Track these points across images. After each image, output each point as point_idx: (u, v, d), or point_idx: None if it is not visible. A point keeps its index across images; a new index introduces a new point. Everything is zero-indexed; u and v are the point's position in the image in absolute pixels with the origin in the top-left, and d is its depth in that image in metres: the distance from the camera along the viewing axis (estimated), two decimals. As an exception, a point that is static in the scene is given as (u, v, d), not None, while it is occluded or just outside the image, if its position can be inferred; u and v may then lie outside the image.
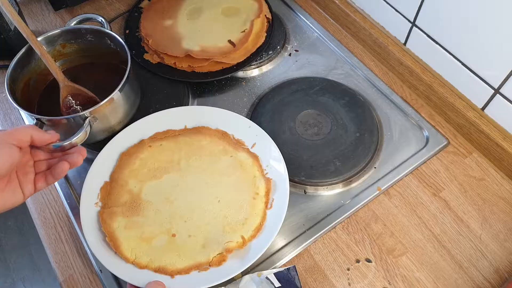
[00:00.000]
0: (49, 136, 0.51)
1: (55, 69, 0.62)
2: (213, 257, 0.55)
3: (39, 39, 0.64)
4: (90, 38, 0.68)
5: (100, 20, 0.70)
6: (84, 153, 0.53)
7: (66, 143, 0.53)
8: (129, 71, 0.62)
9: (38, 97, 0.68)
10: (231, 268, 0.54)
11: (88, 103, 0.62)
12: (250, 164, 0.63)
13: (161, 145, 0.65)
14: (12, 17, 0.59)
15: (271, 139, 0.64)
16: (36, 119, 0.57)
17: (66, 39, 0.68)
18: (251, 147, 0.64)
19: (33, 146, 0.51)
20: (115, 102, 0.61)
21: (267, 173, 0.62)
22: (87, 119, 0.58)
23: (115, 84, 0.60)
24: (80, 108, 0.63)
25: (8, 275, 1.57)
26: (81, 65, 0.71)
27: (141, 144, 0.65)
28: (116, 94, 0.60)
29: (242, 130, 0.66)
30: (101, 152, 0.63)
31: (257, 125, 0.65)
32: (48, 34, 0.66)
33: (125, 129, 0.66)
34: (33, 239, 1.64)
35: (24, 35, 0.60)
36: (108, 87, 0.60)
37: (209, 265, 0.54)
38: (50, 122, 0.58)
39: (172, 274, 0.54)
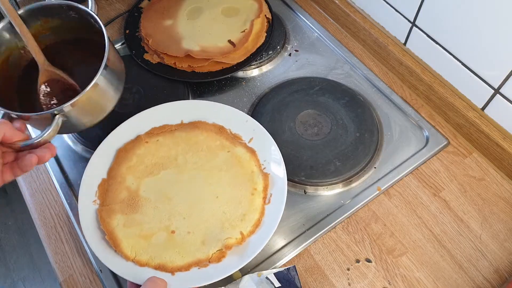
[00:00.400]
0: (19, 135, 0.49)
1: (36, 50, 0.58)
2: (212, 254, 0.55)
3: (19, 12, 0.59)
4: (73, 14, 0.61)
5: None
6: (53, 150, 0.51)
7: (35, 141, 0.50)
8: (106, 57, 0.55)
9: (21, 74, 0.63)
10: (231, 264, 0.54)
11: (67, 91, 0.58)
12: (247, 159, 0.63)
13: (157, 141, 0.65)
14: None
15: (268, 133, 0.64)
16: (4, 113, 0.53)
17: (48, 14, 0.62)
18: (248, 142, 0.64)
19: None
20: (92, 95, 0.55)
21: (264, 168, 0.62)
22: (56, 116, 0.52)
23: (98, 64, 0.55)
24: (55, 96, 0.58)
25: (8, 275, 1.57)
26: (63, 40, 0.64)
27: (137, 140, 0.65)
28: (89, 90, 0.54)
29: (239, 125, 0.66)
30: (97, 148, 0.63)
31: (254, 119, 0.65)
32: (28, 8, 0.60)
33: (121, 124, 0.66)
34: (33, 239, 1.64)
35: (4, 9, 0.55)
36: (90, 68, 0.55)
37: (209, 262, 0.55)
38: (18, 117, 0.53)
39: (172, 271, 0.54)
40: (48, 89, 0.59)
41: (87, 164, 0.62)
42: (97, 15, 0.58)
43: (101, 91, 0.57)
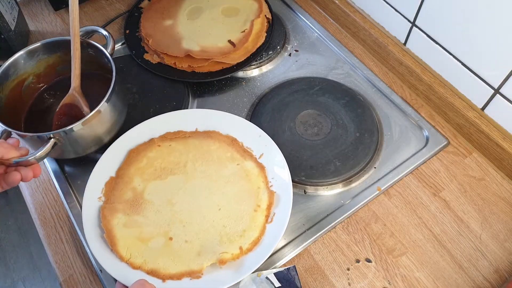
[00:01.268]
0: (13, 152, 0.52)
1: (77, 74, 0.63)
2: (206, 266, 0.55)
3: (36, 45, 0.65)
4: (91, 52, 0.66)
5: (104, 34, 0.68)
6: (37, 172, 0.54)
7: (25, 159, 0.53)
8: (111, 92, 0.60)
9: (33, 101, 0.68)
10: (224, 279, 0.54)
11: (77, 119, 0.60)
12: (256, 174, 0.63)
13: (170, 146, 0.66)
14: (73, 8, 0.62)
15: (280, 151, 0.63)
16: (3, 130, 0.58)
17: (67, 48, 0.65)
18: (259, 158, 0.64)
19: None
20: (86, 127, 0.59)
21: (271, 186, 0.62)
22: (51, 140, 0.56)
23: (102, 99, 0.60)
24: (67, 120, 0.62)
25: (8, 275, 1.57)
26: (82, 74, 0.67)
27: (150, 142, 0.66)
28: (78, 125, 0.58)
29: (251, 139, 0.66)
30: (110, 147, 0.64)
31: (267, 135, 0.65)
32: (52, 40, 0.66)
33: (136, 126, 0.66)
34: (33, 239, 1.63)
35: (72, 31, 0.62)
36: (100, 100, 0.60)
37: (201, 274, 0.54)
38: (16, 135, 0.58)
39: (164, 278, 0.54)
40: (65, 110, 0.63)
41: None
42: (111, 56, 0.64)
43: (96, 125, 0.61)
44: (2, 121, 0.58)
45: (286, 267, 0.56)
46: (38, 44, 0.65)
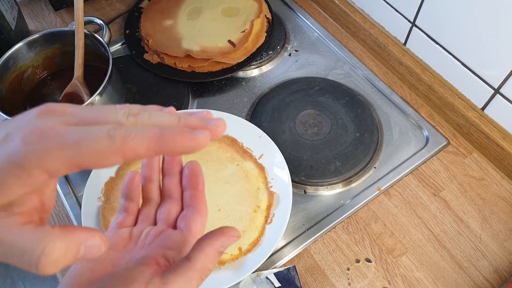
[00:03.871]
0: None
1: (80, 64, 0.64)
2: None
3: (35, 36, 0.66)
4: (87, 42, 0.67)
5: (99, 23, 0.70)
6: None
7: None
8: (109, 77, 0.62)
9: (31, 89, 0.70)
10: (223, 279, 0.54)
11: None
12: (255, 175, 0.63)
13: None
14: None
15: (280, 152, 0.63)
16: (5, 119, 0.59)
17: (65, 40, 0.68)
18: (259, 158, 0.64)
19: None
20: None
21: (271, 186, 0.62)
22: None
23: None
24: None
25: (8, 275, 1.57)
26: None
27: None
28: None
29: (251, 139, 0.65)
30: None
31: (267, 136, 0.65)
32: (48, 31, 0.67)
33: None
34: (33, 239, 1.64)
35: (76, 21, 0.63)
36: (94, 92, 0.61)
37: None
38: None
39: None
40: (68, 100, 0.65)
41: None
42: (107, 45, 0.66)
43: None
44: (3, 111, 0.59)
45: (286, 267, 0.57)
46: (37, 35, 0.67)
